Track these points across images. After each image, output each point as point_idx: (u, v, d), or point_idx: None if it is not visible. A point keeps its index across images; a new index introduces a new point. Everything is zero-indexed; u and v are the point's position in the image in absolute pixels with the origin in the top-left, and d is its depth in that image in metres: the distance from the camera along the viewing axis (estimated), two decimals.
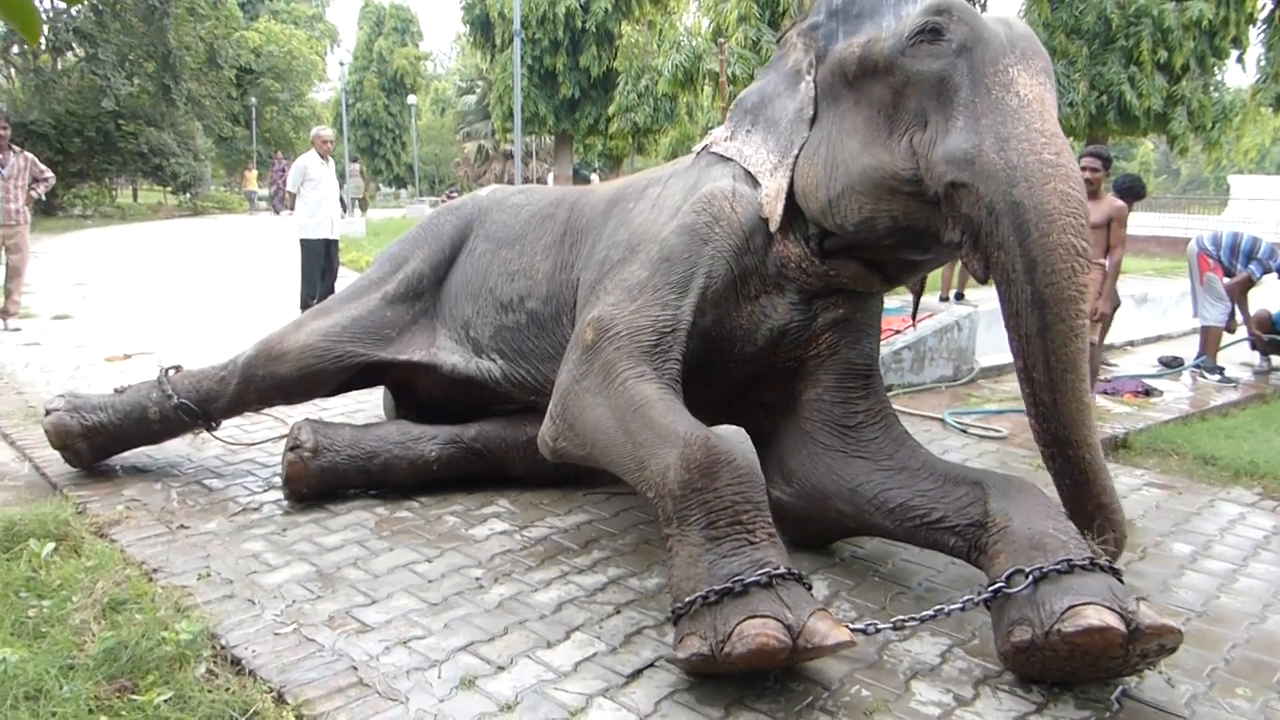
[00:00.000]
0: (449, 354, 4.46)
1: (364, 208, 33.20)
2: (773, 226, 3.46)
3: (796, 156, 3.43)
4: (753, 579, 2.62)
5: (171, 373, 4.51)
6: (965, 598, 2.87)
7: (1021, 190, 2.79)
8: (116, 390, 4.51)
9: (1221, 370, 7.66)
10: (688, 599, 2.67)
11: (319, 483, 4.10)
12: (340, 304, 4.62)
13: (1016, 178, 2.80)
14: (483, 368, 4.37)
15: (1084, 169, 6.70)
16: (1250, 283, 7.91)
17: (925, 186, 3.03)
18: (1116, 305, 7.05)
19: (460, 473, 4.34)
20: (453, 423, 4.47)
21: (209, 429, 4.56)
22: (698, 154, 3.91)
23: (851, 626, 2.75)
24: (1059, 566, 2.68)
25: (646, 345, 3.34)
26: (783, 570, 2.66)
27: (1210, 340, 7.80)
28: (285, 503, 4.18)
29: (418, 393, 4.73)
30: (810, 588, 2.74)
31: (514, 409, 4.48)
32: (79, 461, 4.38)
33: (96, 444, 4.37)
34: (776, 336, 3.56)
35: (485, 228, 4.64)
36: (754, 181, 3.57)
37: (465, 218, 4.76)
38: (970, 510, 3.10)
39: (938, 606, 2.88)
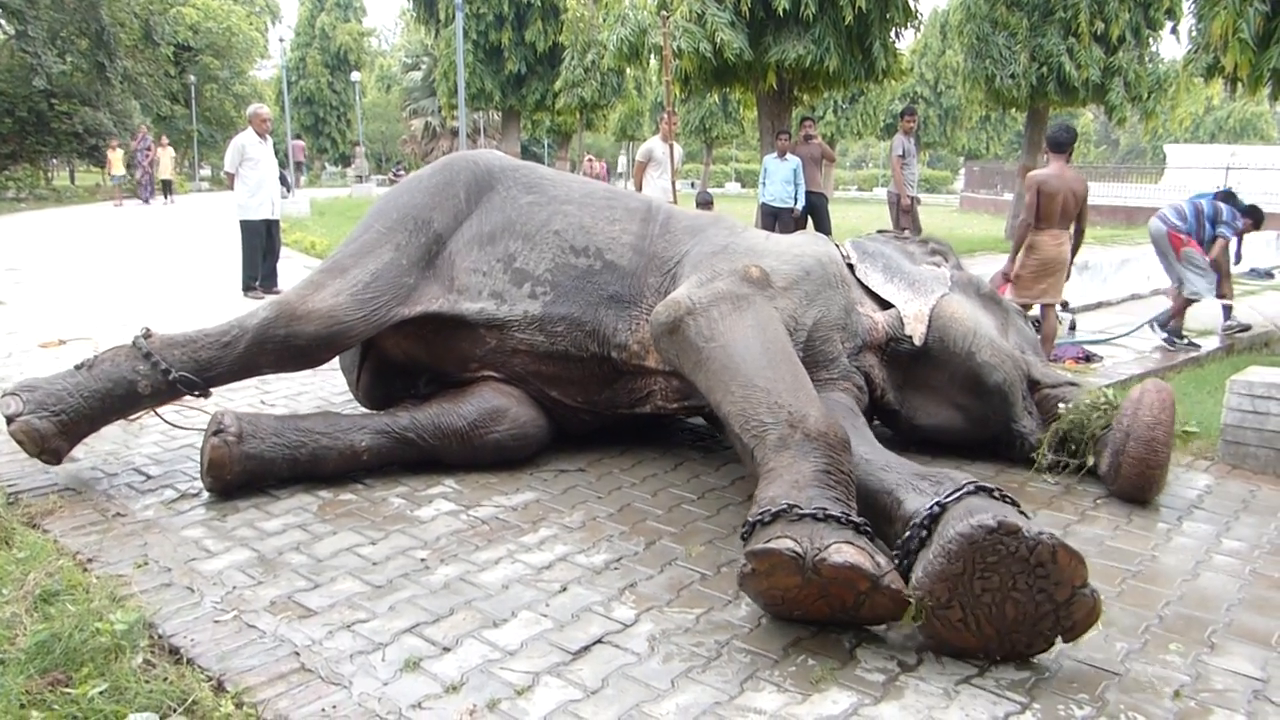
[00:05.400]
0: (472, 300, 4.48)
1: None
2: (917, 341, 4.45)
3: (940, 297, 4.57)
4: (856, 520, 2.89)
5: (144, 341, 4.12)
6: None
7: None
8: (79, 367, 4.06)
9: (1185, 337, 7.84)
10: (784, 503, 2.88)
11: (243, 470, 3.92)
12: (354, 259, 4.45)
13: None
14: (516, 310, 4.44)
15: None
16: (1226, 246, 8.06)
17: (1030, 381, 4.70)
18: None
19: (392, 462, 4.28)
20: (431, 388, 4.57)
21: (205, 397, 4.26)
22: (802, 234, 5.12)
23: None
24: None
25: (790, 328, 3.97)
26: (873, 535, 2.95)
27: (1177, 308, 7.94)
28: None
29: (394, 354, 4.64)
30: None
31: (469, 378, 4.49)
32: (58, 459, 3.99)
33: (73, 434, 3.99)
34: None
35: (526, 184, 4.84)
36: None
37: (485, 169, 4.86)
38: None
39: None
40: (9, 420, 3.86)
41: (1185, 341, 7.75)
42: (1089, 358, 7.11)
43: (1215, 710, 2.57)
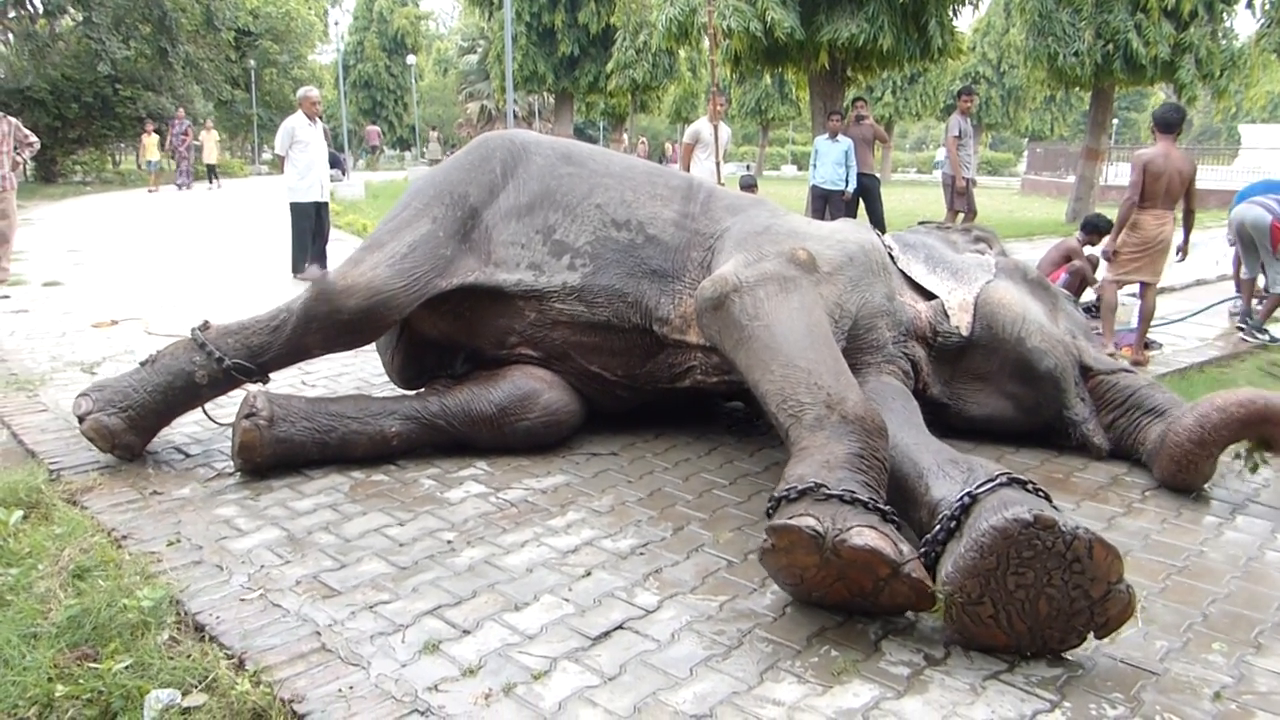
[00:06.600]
0: (509, 272, 4.46)
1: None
2: (964, 331, 4.42)
3: (984, 285, 4.55)
4: (883, 507, 2.83)
5: (200, 333, 4.21)
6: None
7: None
8: (143, 363, 4.21)
9: (1266, 332, 7.53)
10: (812, 481, 2.85)
11: (274, 453, 3.96)
12: (392, 234, 4.45)
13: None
14: (555, 280, 4.42)
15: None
16: None
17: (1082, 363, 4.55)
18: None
19: (422, 446, 4.28)
20: (467, 368, 4.58)
21: (263, 383, 4.32)
22: (844, 221, 5.14)
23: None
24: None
25: (835, 314, 3.99)
26: (899, 524, 2.87)
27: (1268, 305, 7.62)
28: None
29: (430, 333, 4.64)
30: None
31: (506, 356, 4.48)
32: (133, 453, 4.11)
33: (143, 429, 4.10)
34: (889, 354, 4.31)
35: (564, 155, 4.81)
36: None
37: (521, 144, 4.83)
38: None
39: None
40: (80, 420, 3.98)
41: (1268, 337, 7.43)
42: (1148, 344, 6.88)
43: (1258, 713, 2.45)
